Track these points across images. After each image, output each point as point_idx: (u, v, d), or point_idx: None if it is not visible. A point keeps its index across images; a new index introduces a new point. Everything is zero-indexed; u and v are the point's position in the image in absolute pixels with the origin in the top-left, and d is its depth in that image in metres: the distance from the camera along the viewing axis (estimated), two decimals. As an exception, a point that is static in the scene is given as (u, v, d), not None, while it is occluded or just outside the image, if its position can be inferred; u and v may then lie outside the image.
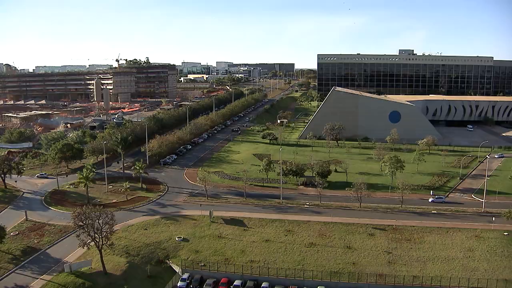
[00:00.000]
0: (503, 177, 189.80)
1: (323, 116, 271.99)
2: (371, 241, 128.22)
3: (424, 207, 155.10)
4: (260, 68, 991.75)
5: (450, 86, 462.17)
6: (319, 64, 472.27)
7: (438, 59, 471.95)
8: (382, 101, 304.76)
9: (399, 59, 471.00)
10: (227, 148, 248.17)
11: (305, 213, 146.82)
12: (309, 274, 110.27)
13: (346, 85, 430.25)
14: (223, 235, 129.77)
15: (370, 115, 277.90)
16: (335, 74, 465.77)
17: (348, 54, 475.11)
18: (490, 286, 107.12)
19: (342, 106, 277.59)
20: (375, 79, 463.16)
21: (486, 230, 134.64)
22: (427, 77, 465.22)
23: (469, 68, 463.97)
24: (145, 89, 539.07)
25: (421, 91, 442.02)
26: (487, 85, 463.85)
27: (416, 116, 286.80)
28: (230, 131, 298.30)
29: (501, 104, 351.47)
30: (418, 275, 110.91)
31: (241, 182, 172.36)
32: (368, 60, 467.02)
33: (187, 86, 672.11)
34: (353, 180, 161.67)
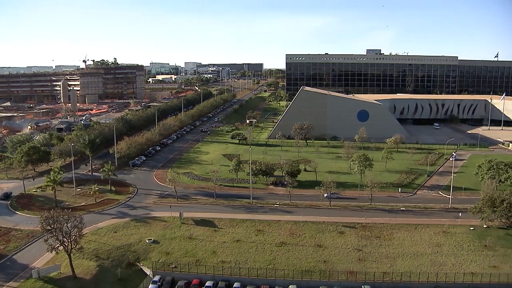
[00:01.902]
0: (468, 173, 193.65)
1: (292, 115, 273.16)
2: (341, 239, 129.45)
3: (393, 205, 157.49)
4: (229, 68, 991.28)
5: (417, 85, 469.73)
6: (287, 64, 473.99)
7: (405, 59, 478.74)
8: (350, 100, 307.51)
9: (367, 59, 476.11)
10: (196, 148, 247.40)
11: (275, 213, 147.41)
12: (280, 273, 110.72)
13: (315, 84, 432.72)
14: (194, 236, 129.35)
15: (339, 114, 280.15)
16: (303, 74, 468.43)
17: (316, 54, 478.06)
18: (458, 280, 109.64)
19: (311, 106, 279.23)
20: (343, 78, 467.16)
21: (453, 226, 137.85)
22: (394, 76, 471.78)
23: (435, 67, 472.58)
24: (113, 90, 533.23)
25: (389, 90, 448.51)
26: (452, 84, 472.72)
27: (384, 115, 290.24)
28: (199, 132, 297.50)
29: (466, 103, 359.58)
30: (388, 272, 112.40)
31: (211, 182, 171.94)
32: (336, 59, 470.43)
33: (155, 86, 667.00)
34: (323, 179, 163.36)
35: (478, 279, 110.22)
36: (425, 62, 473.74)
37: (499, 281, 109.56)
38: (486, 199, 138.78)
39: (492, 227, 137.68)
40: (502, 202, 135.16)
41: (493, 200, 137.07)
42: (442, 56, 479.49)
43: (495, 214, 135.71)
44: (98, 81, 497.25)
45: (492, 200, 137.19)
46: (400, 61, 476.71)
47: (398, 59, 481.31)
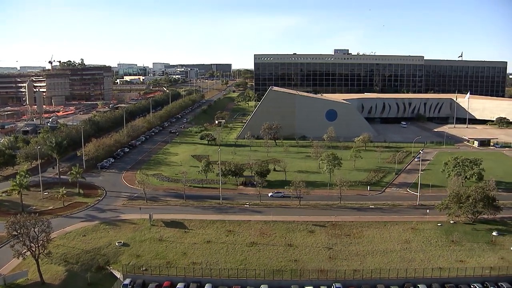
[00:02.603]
0: (435, 170, 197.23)
1: (261, 115, 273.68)
2: (312, 238, 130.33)
3: (362, 203, 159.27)
4: (197, 69, 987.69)
5: (384, 84, 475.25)
6: (256, 64, 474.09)
7: (372, 59, 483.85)
8: (318, 100, 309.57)
9: (335, 59, 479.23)
10: (165, 150, 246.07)
11: (246, 213, 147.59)
12: (251, 274, 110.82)
13: (283, 84, 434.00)
14: (164, 238, 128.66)
15: (307, 114, 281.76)
16: (272, 74, 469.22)
17: (284, 54, 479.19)
18: (426, 275, 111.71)
19: (279, 106, 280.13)
20: (311, 78, 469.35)
21: (421, 222, 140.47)
22: (362, 76, 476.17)
23: (402, 67, 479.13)
24: (80, 91, 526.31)
25: (357, 90, 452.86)
26: (419, 83, 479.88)
27: (352, 114, 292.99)
28: (168, 133, 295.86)
29: (432, 101, 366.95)
30: (358, 269, 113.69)
31: (180, 184, 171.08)
32: (305, 59, 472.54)
33: (123, 88, 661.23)
34: (292, 178, 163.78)
35: (446, 273, 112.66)
36: (392, 62, 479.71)
37: (465, 275, 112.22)
38: (453, 195, 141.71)
39: (459, 222, 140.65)
40: (468, 198, 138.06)
41: (459, 196, 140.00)
42: (408, 56, 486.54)
43: (461, 210, 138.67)
44: (64, 83, 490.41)
45: (458, 196, 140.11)
46: (367, 61, 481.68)
47: (365, 59, 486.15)
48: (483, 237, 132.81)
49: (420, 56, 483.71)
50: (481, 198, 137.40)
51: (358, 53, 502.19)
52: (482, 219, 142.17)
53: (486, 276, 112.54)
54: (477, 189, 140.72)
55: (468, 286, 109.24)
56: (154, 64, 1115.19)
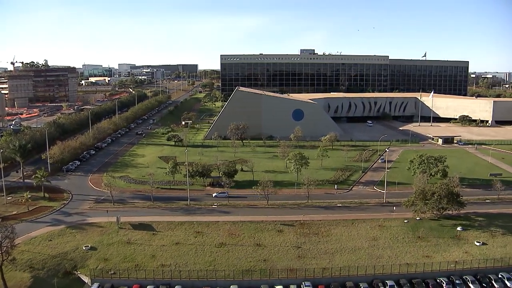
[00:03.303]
0: (401, 168, 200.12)
1: (228, 116, 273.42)
2: (280, 237, 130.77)
3: (330, 201, 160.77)
4: (163, 70, 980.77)
5: (350, 84, 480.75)
6: (222, 64, 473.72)
7: (338, 58, 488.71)
8: (285, 100, 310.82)
9: (301, 59, 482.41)
10: (132, 151, 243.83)
11: (214, 214, 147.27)
12: (221, 274, 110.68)
13: (250, 85, 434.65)
14: (132, 240, 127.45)
15: (274, 114, 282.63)
16: (238, 74, 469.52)
17: (251, 55, 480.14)
18: (394, 272, 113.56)
19: (246, 106, 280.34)
20: (278, 78, 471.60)
21: (388, 219, 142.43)
22: (328, 75, 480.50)
23: (367, 66, 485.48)
24: (44, 93, 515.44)
25: (323, 89, 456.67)
26: (384, 82, 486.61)
27: (318, 113, 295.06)
28: (135, 134, 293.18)
29: (397, 100, 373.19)
30: (327, 267, 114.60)
31: (147, 185, 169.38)
32: (271, 60, 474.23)
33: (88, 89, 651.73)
34: (259, 178, 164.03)
35: (413, 269, 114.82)
36: (358, 62, 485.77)
37: (432, 270, 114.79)
38: (418, 192, 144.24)
39: (425, 219, 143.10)
40: (433, 194, 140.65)
41: (424, 193, 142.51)
42: (374, 55, 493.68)
43: (427, 206, 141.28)
44: (28, 84, 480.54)
45: (423, 193, 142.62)
46: (333, 60, 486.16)
47: (331, 58, 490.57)
48: (448, 232, 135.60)
49: (385, 56, 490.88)
50: (445, 195, 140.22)
51: (324, 53, 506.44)
52: (447, 215, 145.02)
53: (452, 270, 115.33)
54: (442, 186, 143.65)
55: (434, 281, 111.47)
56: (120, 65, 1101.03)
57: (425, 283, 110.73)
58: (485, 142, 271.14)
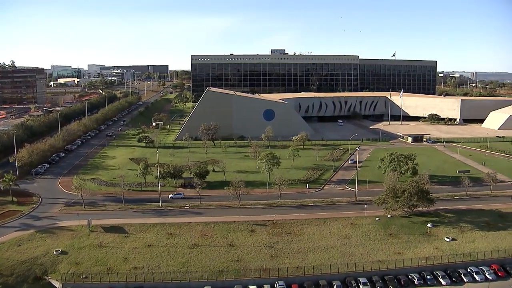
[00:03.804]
0: (372, 167, 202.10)
1: (199, 116, 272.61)
2: (253, 237, 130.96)
3: (302, 201, 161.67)
4: (133, 70, 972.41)
5: (321, 83, 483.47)
6: (192, 65, 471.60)
7: (308, 58, 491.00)
8: (256, 100, 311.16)
9: (271, 59, 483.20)
10: (102, 153, 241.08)
11: (186, 215, 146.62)
12: (194, 276, 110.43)
13: (221, 85, 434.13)
14: (104, 243, 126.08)
15: (245, 114, 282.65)
16: (209, 75, 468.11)
17: (221, 55, 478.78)
18: (366, 269, 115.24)
19: (217, 106, 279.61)
20: (248, 78, 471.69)
21: (360, 217, 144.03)
22: (299, 75, 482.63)
23: (337, 66, 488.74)
24: (11, 95, 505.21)
25: (294, 89, 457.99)
26: (354, 82, 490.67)
27: (289, 113, 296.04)
28: (105, 136, 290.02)
29: (367, 100, 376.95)
30: (300, 266, 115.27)
31: (118, 188, 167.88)
32: (241, 60, 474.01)
33: (57, 90, 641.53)
34: (231, 178, 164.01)
35: (385, 266, 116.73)
36: (328, 62, 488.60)
37: (403, 266, 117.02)
38: (389, 190, 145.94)
39: (396, 216, 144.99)
40: (404, 192, 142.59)
41: (395, 191, 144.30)
42: (344, 55, 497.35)
43: (397, 204, 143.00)
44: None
45: (394, 191, 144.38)
46: (304, 60, 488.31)
47: (302, 58, 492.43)
48: (419, 229, 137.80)
49: (355, 56, 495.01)
50: (416, 192, 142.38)
51: (294, 53, 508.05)
52: (417, 212, 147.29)
53: (423, 266, 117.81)
54: (412, 183, 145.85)
55: (406, 277, 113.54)
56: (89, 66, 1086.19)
57: (397, 279, 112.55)
58: (453, 140, 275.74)
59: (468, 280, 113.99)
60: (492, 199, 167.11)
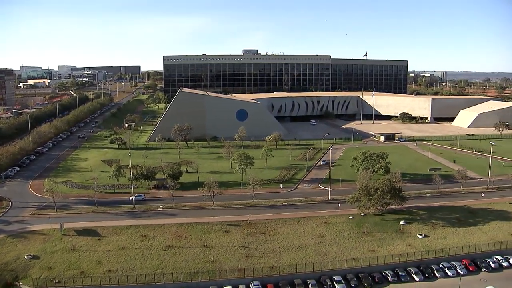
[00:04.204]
0: (345, 165, 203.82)
1: (171, 117, 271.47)
2: (227, 237, 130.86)
3: (275, 200, 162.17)
4: (105, 71, 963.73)
5: (293, 83, 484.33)
6: (165, 65, 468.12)
7: (281, 58, 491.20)
8: (228, 100, 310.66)
9: (244, 59, 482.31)
10: (74, 156, 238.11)
11: (160, 217, 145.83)
12: (169, 277, 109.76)
13: (193, 85, 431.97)
14: (77, 247, 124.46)
15: (218, 115, 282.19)
16: (181, 75, 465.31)
17: (194, 55, 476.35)
18: (341, 267, 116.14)
19: (190, 107, 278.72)
20: (221, 79, 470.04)
21: (334, 216, 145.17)
22: (271, 75, 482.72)
23: (310, 66, 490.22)
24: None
25: (266, 89, 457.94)
26: (326, 81, 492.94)
27: (262, 113, 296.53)
28: (77, 138, 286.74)
29: (339, 99, 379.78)
30: (275, 266, 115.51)
31: (91, 190, 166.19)
32: (214, 60, 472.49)
33: (27, 92, 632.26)
34: (205, 179, 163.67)
35: (359, 264, 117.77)
36: (300, 61, 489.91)
37: (377, 264, 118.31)
38: (362, 188, 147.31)
39: (369, 214, 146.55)
40: (376, 190, 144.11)
41: (368, 189, 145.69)
42: (316, 55, 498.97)
43: (370, 202, 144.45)
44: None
45: (367, 189, 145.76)
46: (276, 60, 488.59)
47: (274, 58, 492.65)
48: (392, 226, 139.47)
49: (327, 56, 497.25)
50: (388, 190, 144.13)
51: (267, 53, 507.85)
52: (390, 210, 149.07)
53: (396, 263, 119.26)
54: (385, 182, 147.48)
55: (380, 274, 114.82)
56: (60, 66, 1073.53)
57: (371, 276, 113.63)
58: (424, 138, 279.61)
59: (441, 276, 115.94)
60: (463, 195, 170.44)
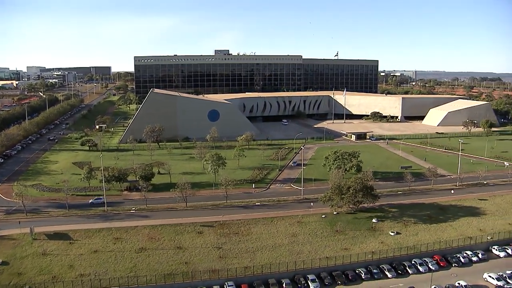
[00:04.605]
0: (317, 165, 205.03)
1: (143, 118, 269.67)
2: (201, 239, 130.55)
3: (248, 200, 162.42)
4: (75, 72, 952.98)
5: (265, 83, 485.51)
6: (136, 66, 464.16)
7: (252, 59, 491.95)
8: (200, 100, 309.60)
9: (215, 59, 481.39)
10: (44, 158, 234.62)
11: (132, 219, 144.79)
12: (143, 280, 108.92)
13: (165, 86, 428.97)
14: (48, 251, 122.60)
15: (190, 115, 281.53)
16: (153, 76, 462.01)
17: (165, 56, 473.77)
18: (314, 266, 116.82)
19: (161, 108, 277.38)
20: (192, 79, 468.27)
21: (307, 215, 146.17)
22: (243, 76, 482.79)
23: (281, 66, 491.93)
24: None
25: (238, 90, 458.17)
26: (298, 81, 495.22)
27: (234, 113, 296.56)
28: (47, 140, 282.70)
29: (311, 99, 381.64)
30: (249, 266, 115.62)
31: (62, 193, 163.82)
32: (185, 61, 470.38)
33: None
34: (177, 180, 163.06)
35: (332, 262, 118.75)
36: (272, 62, 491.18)
37: (350, 262, 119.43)
38: (334, 187, 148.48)
39: (342, 213, 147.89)
40: (348, 189, 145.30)
41: (340, 188, 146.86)
42: (287, 55, 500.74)
43: (343, 201, 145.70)
44: None
45: (339, 188, 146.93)
46: (248, 61, 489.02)
47: (246, 59, 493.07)
48: (364, 224, 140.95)
49: (298, 56, 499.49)
50: (360, 189, 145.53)
51: (238, 54, 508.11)
52: (362, 208, 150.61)
53: (369, 260, 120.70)
54: (357, 180, 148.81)
55: (353, 272, 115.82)
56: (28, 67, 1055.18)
57: (345, 274, 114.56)
58: (395, 137, 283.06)
59: (413, 272, 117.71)
60: (433, 193, 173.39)
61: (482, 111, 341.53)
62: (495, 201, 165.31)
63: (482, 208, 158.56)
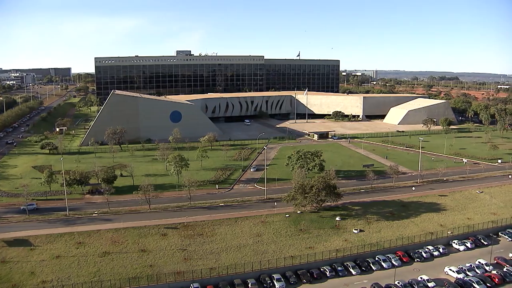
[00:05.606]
0: (280, 165, 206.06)
1: (104, 120, 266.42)
2: (165, 241, 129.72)
3: (212, 201, 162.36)
4: (34, 74, 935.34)
5: (227, 84, 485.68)
6: (97, 67, 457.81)
7: (214, 59, 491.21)
8: (162, 102, 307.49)
9: (177, 60, 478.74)
10: (2, 162, 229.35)
11: (95, 222, 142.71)
12: (107, 284, 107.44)
13: (126, 87, 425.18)
14: (7, 259, 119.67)
15: (151, 117, 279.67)
16: (114, 77, 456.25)
17: (126, 57, 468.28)
18: (279, 265, 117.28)
19: (123, 109, 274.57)
20: (154, 80, 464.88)
21: (271, 215, 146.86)
22: (205, 76, 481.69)
23: (243, 66, 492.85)
24: None
25: (200, 90, 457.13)
26: (260, 82, 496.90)
27: (196, 114, 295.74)
28: (4, 144, 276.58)
29: (273, 99, 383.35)
30: (214, 267, 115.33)
31: (22, 198, 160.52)
32: (147, 62, 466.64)
33: None
34: (140, 183, 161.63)
35: (297, 261, 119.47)
36: (234, 62, 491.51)
37: (315, 260, 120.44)
38: (298, 187, 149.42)
39: (305, 212, 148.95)
40: (312, 188, 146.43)
41: (303, 187, 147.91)
42: (249, 55, 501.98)
43: (306, 200, 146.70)
44: None
45: (302, 187, 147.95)
46: (210, 61, 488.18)
47: (207, 59, 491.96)
48: (328, 223, 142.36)
49: (260, 56, 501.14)
50: (323, 187, 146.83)
51: (200, 54, 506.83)
52: (326, 207, 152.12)
53: (334, 258, 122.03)
54: (319, 179, 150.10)
55: (318, 270, 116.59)
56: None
57: (310, 273, 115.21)
58: (357, 135, 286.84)
59: (377, 268, 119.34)
60: (395, 190, 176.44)
61: (441, 110, 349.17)
62: (454, 197, 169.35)
63: (442, 204, 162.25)
